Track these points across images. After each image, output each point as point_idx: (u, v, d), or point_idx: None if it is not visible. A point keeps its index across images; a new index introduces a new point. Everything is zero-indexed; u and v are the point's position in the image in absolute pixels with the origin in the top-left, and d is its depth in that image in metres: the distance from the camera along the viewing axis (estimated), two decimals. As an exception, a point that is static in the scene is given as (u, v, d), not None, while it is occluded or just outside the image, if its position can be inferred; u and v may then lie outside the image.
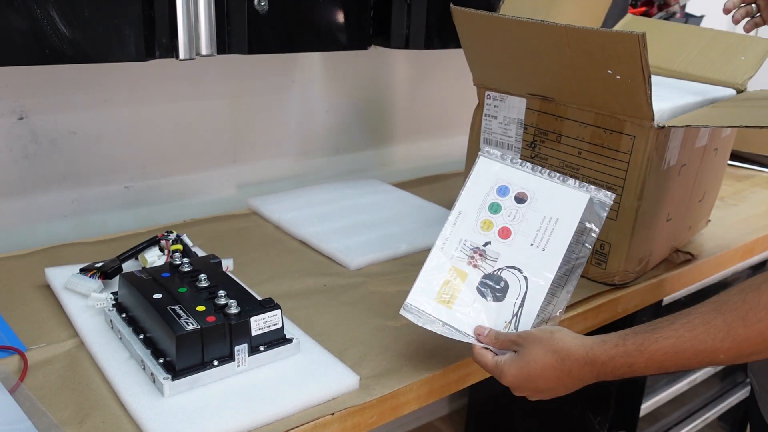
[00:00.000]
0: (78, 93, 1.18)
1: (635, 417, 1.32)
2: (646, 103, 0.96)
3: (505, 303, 0.82)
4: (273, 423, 0.74)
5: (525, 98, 1.11)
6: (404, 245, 1.19)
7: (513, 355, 0.77)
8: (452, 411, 2.00)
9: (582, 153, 1.06)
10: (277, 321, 0.83)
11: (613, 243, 1.06)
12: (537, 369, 0.75)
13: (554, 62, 1.01)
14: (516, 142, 1.14)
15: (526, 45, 1.03)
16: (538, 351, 0.75)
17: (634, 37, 0.89)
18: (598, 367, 0.72)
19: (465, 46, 1.14)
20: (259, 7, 1.02)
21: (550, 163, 1.10)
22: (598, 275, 1.09)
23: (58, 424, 0.71)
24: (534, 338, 0.76)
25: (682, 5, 1.90)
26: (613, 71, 0.95)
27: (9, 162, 1.15)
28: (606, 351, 0.71)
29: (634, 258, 1.08)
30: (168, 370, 0.77)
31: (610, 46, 0.93)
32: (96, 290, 0.95)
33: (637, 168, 1.01)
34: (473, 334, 0.82)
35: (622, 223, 1.04)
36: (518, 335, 0.78)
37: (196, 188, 1.38)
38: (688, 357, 0.67)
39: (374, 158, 1.66)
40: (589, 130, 1.05)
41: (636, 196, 1.02)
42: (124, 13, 0.90)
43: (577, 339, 0.74)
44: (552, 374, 0.74)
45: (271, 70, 1.41)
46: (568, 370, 0.74)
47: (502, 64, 1.11)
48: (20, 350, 0.84)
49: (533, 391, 0.78)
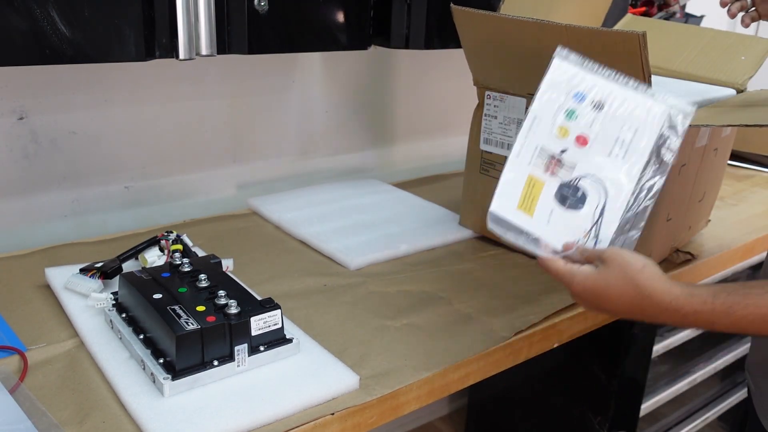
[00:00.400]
0: (78, 93, 1.18)
1: (635, 417, 1.32)
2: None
3: (583, 212, 0.79)
4: (273, 423, 0.74)
5: (525, 98, 1.11)
6: (404, 245, 1.19)
7: (592, 269, 0.74)
8: (452, 411, 2.00)
9: None
10: (277, 321, 0.83)
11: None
12: (612, 293, 0.73)
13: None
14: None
15: (526, 45, 1.03)
16: (621, 277, 0.72)
17: (634, 37, 0.89)
18: (678, 317, 0.71)
19: (465, 45, 1.14)
20: (259, 7, 1.02)
21: None
22: None
23: (58, 424, 0.71)
24: (623, 262, 0.73)
25: (682, 5, 1.90)
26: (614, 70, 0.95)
27: (9, 162, 1.15)
28: (692, 305, 0.70)
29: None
30: (168, 370, 0.77)
31: (610, 45, 0.93)
32: (96, 290, 0.95)
33: None
34: (554, 246, 0.79)
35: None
36: (608, 252, 0.75)
37: (196, 188, 1.38)
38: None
39: (374, 158, 1.66)
40: None
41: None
42: (124, 13, 0.90)
43: (665, 284, 0.72)
44: (625, 303, 0.73)
45: (271, 70, 1.41)
46: (643, 307, 0.72)
47: (502, 64, 1.11)
48: (20, 350, 0.84)
49: (596, 308, 0.76)
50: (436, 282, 1.09)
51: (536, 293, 1.06)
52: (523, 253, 1.19)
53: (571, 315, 1.02)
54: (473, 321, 0.98)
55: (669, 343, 1.32)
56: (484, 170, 1.21)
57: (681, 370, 1.44)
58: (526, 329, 0.97)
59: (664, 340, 1.31)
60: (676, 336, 1.34)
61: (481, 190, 1.22)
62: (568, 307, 1.03)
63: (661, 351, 1.30)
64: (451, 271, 1.13)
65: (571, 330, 1.03)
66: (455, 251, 1.21)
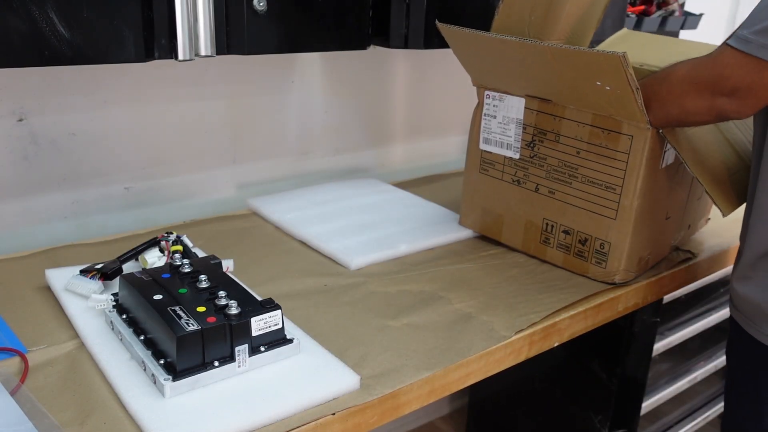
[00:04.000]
0: (77, 94, 1.18)
1: (636, 415, 1.32)
2: (639, 110, 0.96)
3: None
4: (274, 423, 0.74)
5: (524, 98, 1.11)
6: (404, 245, 1.19)
7: None
8: (453, 411, 2.00)
9: (581, 152, 1.06)
10: (278, 321, 0.83)
11: (612, 242, 1.06)
12: None
13: (545, 72, 1.02)
14: (515, 142, 1.14)
15: (516, 58, 1.03)
16: None
17: (615, 58, 0.90)
18: None
19: (457, 55, 1.14)
20: (258, 8, 1.02)
21: (549, 163, 1.10)
22: (599, 274, 1.09)
23: (59, 426, 0.71)
24: None
25: (681, 3, 1.90)
26: (602, 83, 0.96)
27: (9, 164, 1.15)
28: None
29: (634, 257, 1.08)
30: (169, 371, 0.77)
31: (594, 63, 0.94)
32: (96, 291, 0.95)
33: (636, 167, 1.01)
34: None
35: (622, 222, 1.04)
36: None
37: (196, 189, 1.38)
38: None
39: (374, 158, 1.66)
40: (587, 130, 1.05)
41: (635, 195, 1.02)
42: (123, 14, 0.90)
43: None
44: None
45: (271, 70, 1.41)
46: None
47: (495, 69, 1.12)
48: (21, 352, 0.84)
49: None
50: (436, 282, 1.09)
51: (536, 293, 1.06)
52: (523, 253, 1.20)
53: (571, 314, 1.02)
54: (473, 320, 0.98)
55: (669, 341, 1.32)
56: (484, 170, 1.21)
57: (681, 368, 1.44)
58: (526, 328, 0.97)
59: (665, 339, 1.31)
60: (677, 334, 1.34)
61: (481, 189, 1.22)
62: (568, 306, 1.03)
63: (661, 349, 1.30)
64: (451, 271, 1.13)
65: (571, 329, 1.03)
66: (455, 251, 1.21)
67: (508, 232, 1.20)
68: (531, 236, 1.17)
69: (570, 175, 1.09)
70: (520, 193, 1.16)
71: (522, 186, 1.16)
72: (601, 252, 1.08)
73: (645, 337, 1.26)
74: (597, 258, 1.09)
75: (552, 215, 1.13)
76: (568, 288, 1.08)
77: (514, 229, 1.19)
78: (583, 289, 1.08)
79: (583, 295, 1.06)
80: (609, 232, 1.06)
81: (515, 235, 1.19)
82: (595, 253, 1.09)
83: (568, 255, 1.13)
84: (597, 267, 1.09)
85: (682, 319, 1.37)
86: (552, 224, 1.13)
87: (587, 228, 1.09)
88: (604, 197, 1.06)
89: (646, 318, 1.23)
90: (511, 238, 1.20)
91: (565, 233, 1.12)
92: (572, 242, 1.11)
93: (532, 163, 1.13)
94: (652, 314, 1.24)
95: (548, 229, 1.14)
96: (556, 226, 1.13)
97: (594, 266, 1.10)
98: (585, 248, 1.10)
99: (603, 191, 1.06)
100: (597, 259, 1.09)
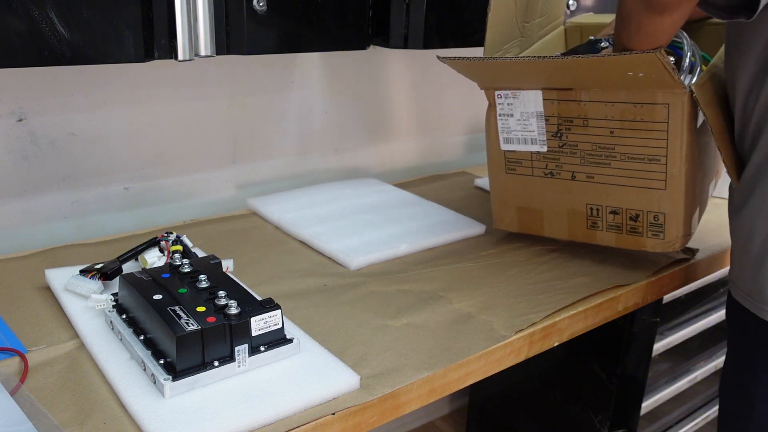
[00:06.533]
0: (77, 94, 1.18)
1: (636, 415, 1.32)
2: (674, 81, 0.94)
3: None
4: (274, 423, 0.74)
5: (540, 91, 1.08)
6: (404, 245, 1.19)
7: None
8: (453, 410, 2.00)
9: (614, 132, 1.04)
10: (278, 321, 0.83)
11: (667, 212, 1.04)
12: None
13: (565, 73, 1.00)
14: (539, 135, 1.11)
15: (534, 72, 1.02)
16: None
17: (652, 56, 0.89)
18: None
19: (463, 75, 1.13)
20: (258, 8, 1.02)
21: (582, 149, 1.08)
22: (658, 246, 1.08)
23: (58, 426, 0.71)
24: None
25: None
26: (634, 73, 0.94)
27: (8, 164, 1.15)
28: None
29: (689, 221, 1.07)
30: (168, 371, 0.77)
31: (626, 62, 0.92)
32: (96, 291, 0.95)
33: (678, 134, 0.98)
34: None
35: (673, 190, 1.02)
36: None
37: (195, 189, 1.38)
38: None
39: (374, 158, 1.66)
40: (618, 108, 1.02)
41: (682, 162, 1.00)
42: (122, 14, 0.90)
43: None
44: None
45: (271, 70, 1.41)
46: None
47: (503, 75, 1.10)
48: (21, 352, 0.84)
49: None
50: (437, 281, 1.09)
51: (536, 292, 1.06)
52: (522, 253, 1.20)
53: (571, 314, 1.02)
54: (473, 320, 0.98)
55: (669, 341, 1.32)
56: (511, 169, 1.17)
57: (681, 368, 1.44)
58: (526, 328, 0.97)
59: (665, 339, 1.31)
60: (677, 334, 1.34)
61: (512, 189, 1.18)
62: (567, 306, 1.03)
63: (661, 349, 1.30)
64: (451, 271, 1.13)
65: (571, 329, 1.04)
66: (455, 251, 1.21)
67: (550, 225, 1.17)
68: (576, 224, 1.14)
69: (607, 156, 1.06)
70: (555, 184, 1.13)
71: (557, 177, 1.12)
72: (656, 224, 1.06)
73: (645, 336, 1.26)
74: (653, 230, 1.07)
75: (595, 199, 1.10)
76: (568, 288, 1.08)
77: (556, 221, 1.16)
78: (583, 289, 1.08)
79: (582, 295, 1.06)
80: (661, 203, 1.04)
81: (559, 226, 1.16)
82: (650, 227, 1.07)
83: (621, 234, 1.10)
84: (655, 239, 1.07)
85: (681, 318, 1.37)
86: (597, 208, 1.11)
87: (636, 204, 1.06)
88: (649, 170, 1.03)
89: (645, 318, 1.23)
90: (555, 231, 1.17)
91: (613, 214, 1.09)
92: (623, 221, 1.09)
93: (563, 153, 1.10)
94: (652, 314, 1.24)
95: (594, 213, 1.11)
96: (602, 209, 1.10)
97: (651, 239, 1.08)
98: (638, 224, 1.08)
99: (647, 164, 1.03)
100: (653, 232, 1.07)
